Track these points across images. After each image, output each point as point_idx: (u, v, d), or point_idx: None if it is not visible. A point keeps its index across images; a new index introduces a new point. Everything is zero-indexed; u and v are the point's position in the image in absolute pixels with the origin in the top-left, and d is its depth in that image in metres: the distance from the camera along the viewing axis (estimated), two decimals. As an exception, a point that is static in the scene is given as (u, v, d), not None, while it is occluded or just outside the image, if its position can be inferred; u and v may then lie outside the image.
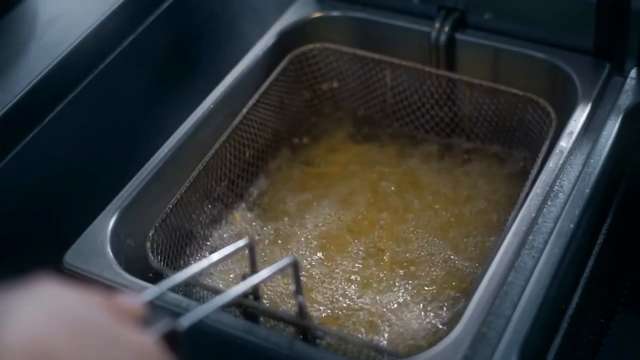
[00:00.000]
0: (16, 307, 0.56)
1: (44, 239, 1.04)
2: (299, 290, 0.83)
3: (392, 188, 1.14)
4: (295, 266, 0.80)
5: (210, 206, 1.08)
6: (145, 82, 1.20)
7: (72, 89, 1.07)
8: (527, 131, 1.11)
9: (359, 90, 1.23)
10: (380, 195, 1.13)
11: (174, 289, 0.86)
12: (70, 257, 0.97)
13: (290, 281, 0.85)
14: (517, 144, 1.14)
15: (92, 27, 1.09)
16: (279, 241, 1.08)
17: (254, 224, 1.10)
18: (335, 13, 1.24)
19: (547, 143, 1.01)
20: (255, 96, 1.12)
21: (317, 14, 1.24)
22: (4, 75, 1.03)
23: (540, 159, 0.99)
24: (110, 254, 0.97)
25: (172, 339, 0.63)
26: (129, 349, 0.58)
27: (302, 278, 0.84)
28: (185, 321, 0.65)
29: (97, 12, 1.11)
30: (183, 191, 1.02)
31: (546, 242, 0.93)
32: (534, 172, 0.98)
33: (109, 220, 1.00)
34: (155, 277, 0.97)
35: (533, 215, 0.95)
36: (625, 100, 1.08)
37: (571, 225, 0.95)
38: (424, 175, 1.15)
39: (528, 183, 0.97)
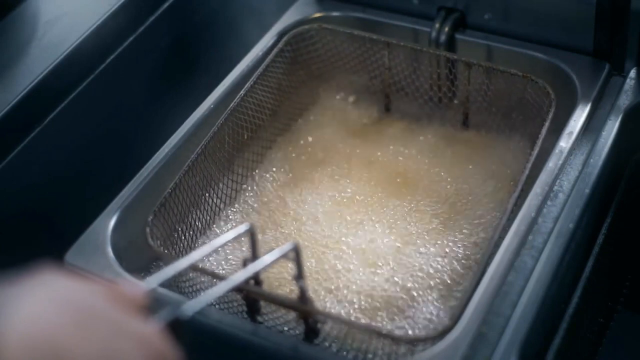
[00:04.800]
0: (20, 297, 0.56)
1: (44, 238, 1.05)
2: (300, 275, 0.83)
3: (390, 167, 1.14)
4: (296, 251, 0.80)
5: (210, 190, 1.08)
6: (146, 82, 1.21)
7: (72, 89, 1.07)
8: (526, 112, 1.10)
9: (357, 70, 1.22)
10: (378, 175, 1.13)
11: (176, 276, 0.86)
12: (71, 257, 0.97)
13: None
14: (516, 124, 1.14)
15: (92, 27, 1.10)
16: (280, 222, 1.08)
17: (255, 206, 1.11)
18: (335, 13, 1.24)
19: (547, 124, 1.01)
20: (253, 78, 1.11)
21: (317, 14, 1.24)
22: (5, 76, 1.04)
23: (540, 140, 0.99)
24: (111, 253, 0.97)
25: (176, 327, 0.63)
26: (133, 339, 0.58)
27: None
28: (189, 309, 0.65)
29: (97, 12, 1.11)
30: (182, 175, 1.02)
31: (546, 242, 0.93)
32: (534, 153, 0.98)
33: (109, 220, 1.00)
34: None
35: (533, 215, 0.95)
36: (624, 100, 1.08)
37: (571, 225, 0.95)
38: (422, 156, 1.15)
39: (528, 165, 0.97)
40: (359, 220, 1.08)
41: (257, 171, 1.15)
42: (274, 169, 1.16)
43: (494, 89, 1.13)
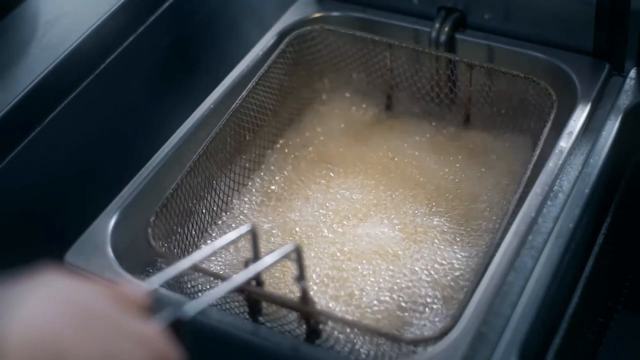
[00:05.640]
0: (21, 297, 0.56)
1: (44, 238, 1.05)
2: (302, 276, 0.83)
3: (391, 168, 1.14)
4: (297, 251, 0.80)
5: (212, 191, 1.08)
6: (146, 82, 1.21)
7: (72, 89, 1.07)
8: (528, 112, 1.10)
9: (359, 71, 1.22)
10: (379, 175, 1.13)
11: (177, 276, 0.86)
12: (71, 257, 0.97)
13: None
14: (517, 125, 1.14)
15: (92, 27, 1.10)
16: (281, 222, 1.08)
17: (256, 207, 1.11)
18: (335, 13, 1.24)
19: (548, 125, 1.01)
20: (255, 79, 1.11)
21: (317, 14, 1.24)
22: (5, 75, 1.04)
23: (542, 141, 0.99)
24: (111, 253, 0.97)
25: (177, 328, 0.63)
26: (134, 339, 0.58)
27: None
28: (191, 309, 0.65)
29: (97, 12, 1.11)
30: (184, 176, 1.02)
31: (546, 242, 0.93)
32: (535, 154, 0.98)
33: (109, 220, 1.00)
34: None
35: (533, 215, 0.95)
36: (624, 100, 1.08)
37: (571, 225, 0.95)
38: (423, 156, 1.15)
39: (530, 166, 0.97)
40: (360, 220, 1.08)
41: (258, 171, 1.15)
42: (275, 169, 1.16)
43: (496, 90, 1.13)
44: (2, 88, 1.02)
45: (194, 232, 1.05)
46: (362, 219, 1.08)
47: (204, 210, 1.07)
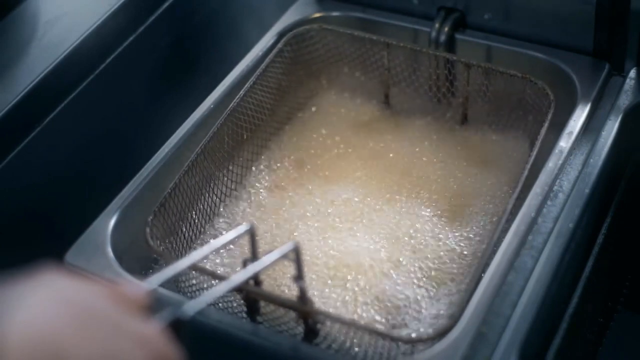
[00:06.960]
0: (21, 297, 0.56)
1: (44, 238, 1.05)
2: (300, 275, 0.83)
3: (389, 167, 1.14)
4: (296, 251, 0.80)
5: (210, 190, 1.08)
6: (146, 82, 1.21)
7: (72, 89, 1.07)
8: (526, 112, 1.10)
9: (357, 70, 1.23)
10: (377, 174, 1.13)
11: (176, 276, 0.86)
12: (71, 257, 0.97)
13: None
14: (515, 126, 1.14)
15: (92, 27, 1.10)
16: (280, 222, 1.08)
17: (254, 206, 1.11)
18: (335, 13, 1.24)
19: (546, 125, 1.01)
20: (253, 78, 1.12)
21: (317, 14, 1.24)
22: (5, 75, 1.04)
23: (539, 141, 0.99)
24: (111, 253, 0.97)
25: (177, 328, 0.63)
26: (133, 339, 0.58)
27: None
28: (189, 309, 0.65)
29: (97, 12, 1.11)
30: (182, 175, 1.02)
31: (546, 242, 0.94)
32: (533, 153, 0.98)
33: (109, 220, 1.00)
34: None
35: (533, 215, 0.95)
36: (624, 100, 1.08)
37: (571, 225, 0.95)
38: (421, 156, 1.15)
39: (528, 165, 0.97)
40: (358, 219, 1.08)
41: (256, 170, 1.15)
42: (273, 168, 1.16)
43: (493, 90, 1.13)
44: (2, 88, 1.02)
45: (192, 232, 1.05)
46: (359, 218, 1.08)
47: (202, 210, 1.07)
